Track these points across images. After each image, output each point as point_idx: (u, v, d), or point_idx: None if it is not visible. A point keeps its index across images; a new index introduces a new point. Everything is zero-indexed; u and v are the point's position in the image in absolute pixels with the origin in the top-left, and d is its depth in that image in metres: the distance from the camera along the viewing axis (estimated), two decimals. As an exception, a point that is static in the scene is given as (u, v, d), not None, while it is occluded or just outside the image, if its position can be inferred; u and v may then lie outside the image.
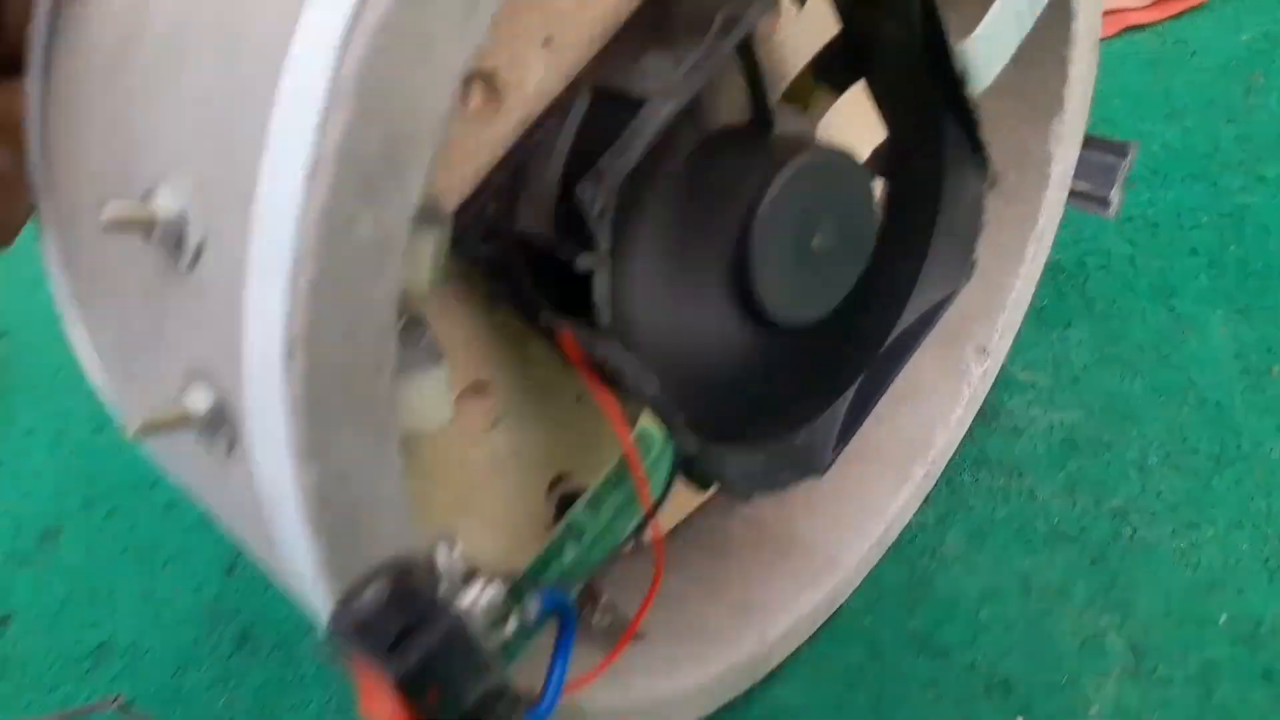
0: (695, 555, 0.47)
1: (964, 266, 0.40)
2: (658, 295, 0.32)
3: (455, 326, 0.33)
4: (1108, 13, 0.67)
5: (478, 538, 0.37)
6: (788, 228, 0.33)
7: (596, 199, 0.26)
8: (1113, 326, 0.53)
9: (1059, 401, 0.52)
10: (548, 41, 0.32)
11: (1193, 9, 0.69)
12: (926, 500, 0.50)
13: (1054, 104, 0.45)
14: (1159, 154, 0.61)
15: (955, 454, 0.50)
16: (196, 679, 0.55)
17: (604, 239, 0.27)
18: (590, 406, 0.40)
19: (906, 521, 0.49)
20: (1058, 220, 0.49)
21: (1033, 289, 0.50)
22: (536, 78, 0.32)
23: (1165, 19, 0.68)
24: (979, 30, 0.35)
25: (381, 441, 0.23)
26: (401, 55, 0.20)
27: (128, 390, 0.30)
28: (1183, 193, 0.59)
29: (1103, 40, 0.66)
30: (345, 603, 0.24)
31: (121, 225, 0.23)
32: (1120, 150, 0.47)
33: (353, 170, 0.20)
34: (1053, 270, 0.57)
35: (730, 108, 0.35)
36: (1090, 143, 0.48)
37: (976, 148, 0.38)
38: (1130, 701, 0.41)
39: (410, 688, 0.23)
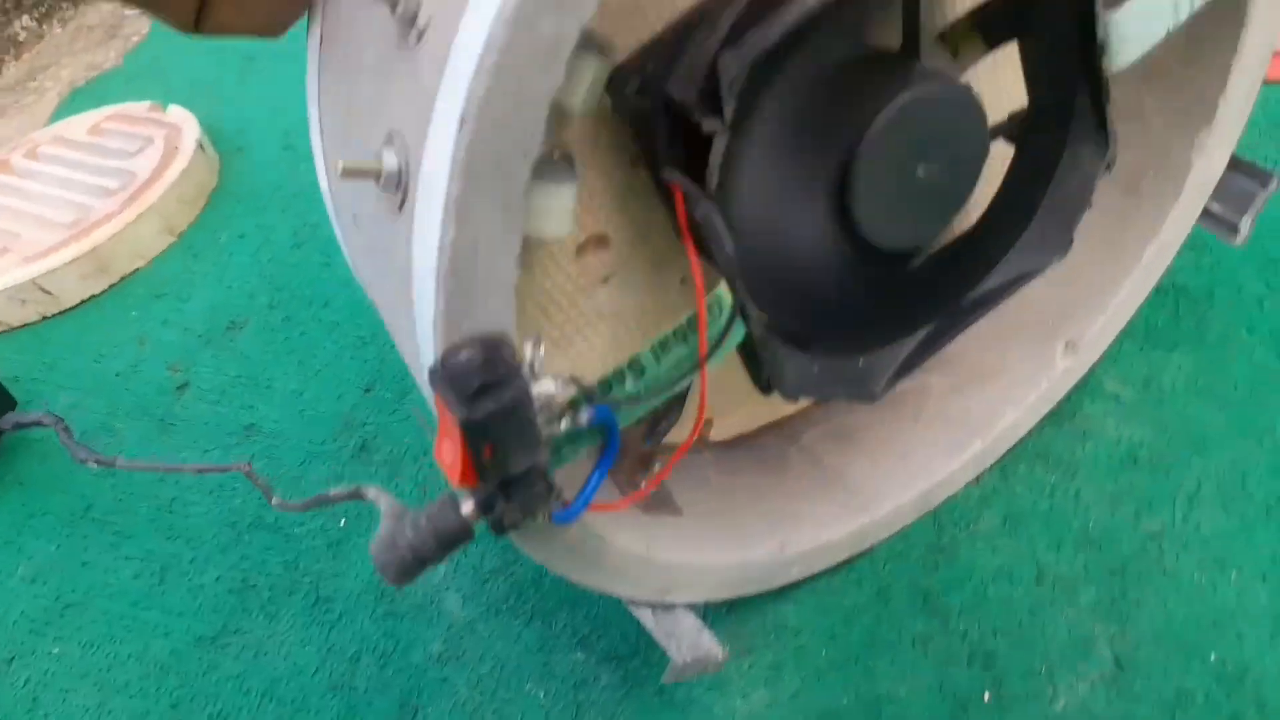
0: (750, 465, 0.52)
1: (1061, 242, 0.42)
2: (766, 182, 0.36)
3: (597, 176, 0.38)
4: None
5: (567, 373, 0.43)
6: (896, 151, 0.36)
7: (731, 67, 0.31)
8: (1217, 359, 0.53)
9: (1136, 418, 0.53)
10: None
11: None
12: (977, 478, 0.52)
13: (1206, 113, 0.45)
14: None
15: (1019, 442, 0.52)
16: (316, 470, 0.64)
17: (730, 107, 0.31)
18: (689, 295, 0.45)
19: (952, 492, 0.52)
20: (1185, 234, 0.49)
21: (1141, 299, 0.51)
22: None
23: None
24: (1129, 4, 0.36)
25: (510, 220, 0.28)
26: None
27: (343, 151, 0.37)
28: None
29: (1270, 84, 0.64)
30: (447, 355, 0.31)
31: None
32: (1263, 179, 0.47)
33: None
34: (1177, 292, 0.57)
35: (887, 35, 0.39)
36: (1235, 164, 0.48)
37: (1101, 123, 0.39)
38: (1097, 707, 0.43)
39: (472, 436, 0.29)
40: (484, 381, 0.29)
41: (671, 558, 0.43)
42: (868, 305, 0.41)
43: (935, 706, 0.44)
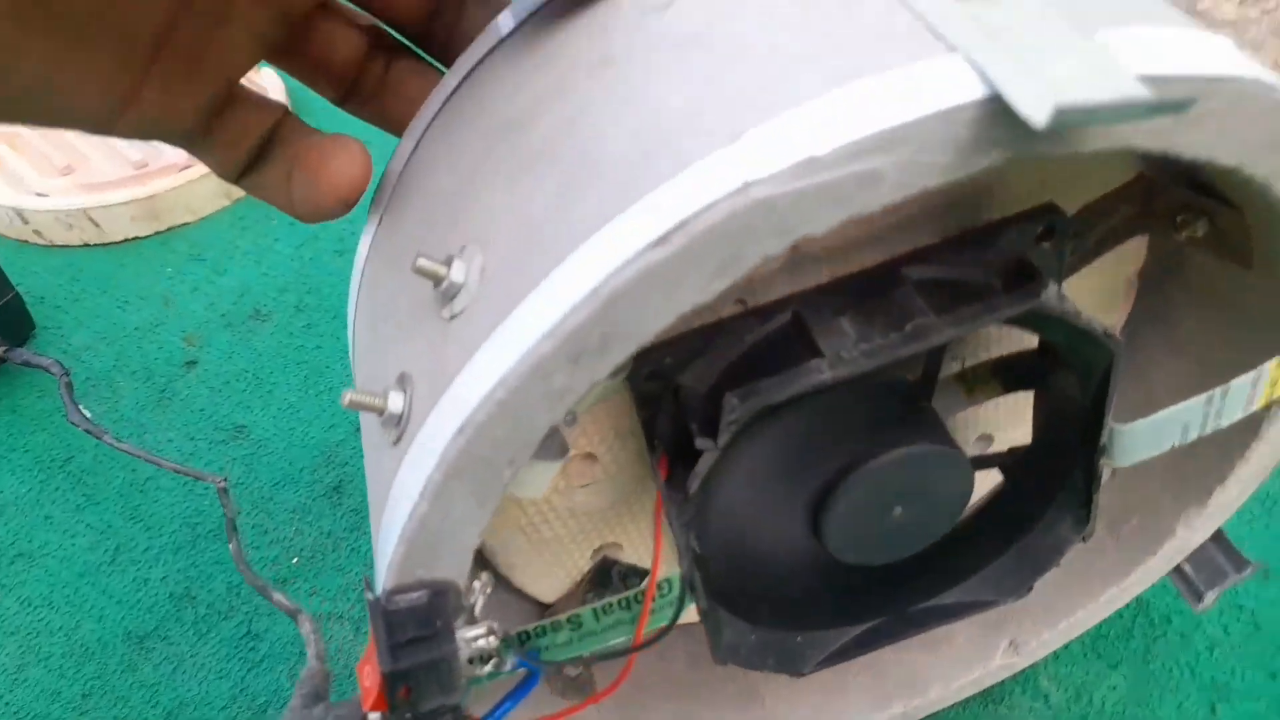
0: (681, 657, 0.53)
1: (1019, 589, 0.43)
2: (744, 494, 0.37)
3: (602, 408, 0.40)
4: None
5: (522, 556, 0.45)
6: (878, 492, 0.37)
7: (734, 412, 0.32)
8: (1151, 692, 0.54)
9: (1058, 715, 0.54)
10: (795, 247, 0.38)
11: None
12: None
13: (1201, 496, 0.46)
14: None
15: (938, 713, 0.54)
16: (286, 496, 0.66)
17: (725, 438, 0.33)
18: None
19: (864, 741, 0.53)
20: (1148, 585, 0.50)
21: (1090, 626, 0.52)
22: (769, 269, 0.38)
23: None
24: (1137, 424, 0.37)
25: (483, 505, 0.30)
26: (651, 291, 0.26)
27: (363, 359, 0.39)
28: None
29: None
30: (393, 592, 0.32)
31: (423, 272, 0.31)
32: (1240, 564, 0.48)
33: (570, 346, 0.27)
34: (1138, 607, 0.58)
35: (911, 364, 0.40)
36: (1219, 538, 0.49)
37: (1084, 504, 0.41)
38: None
39: (392, 681, 0.31)
40: (416, 635, 0.31)
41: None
42: (819, 590, 0.42)
43: None
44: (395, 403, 0.32)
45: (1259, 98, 0.29)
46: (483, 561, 0.45)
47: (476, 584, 0.34)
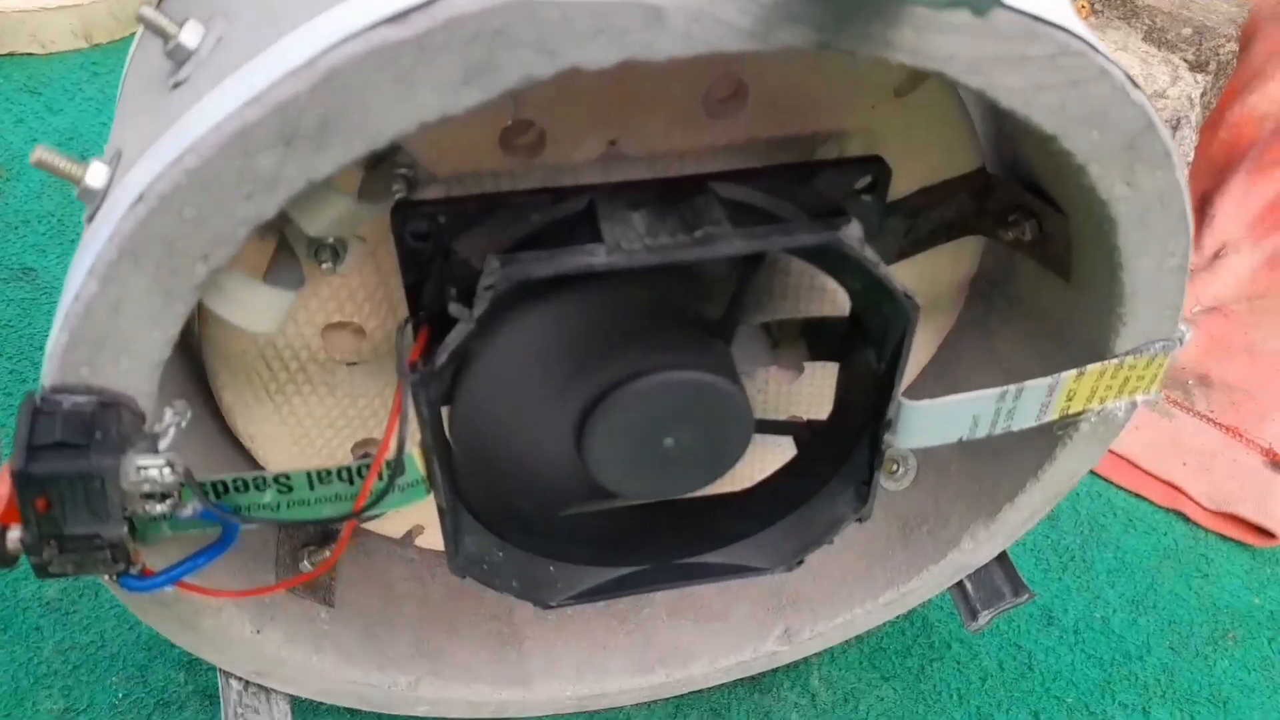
0: (440, 587, 0.49)
1: (789, 560, 0.41)
2: (501, 386, 0.34)
3: (372, 272, 0.36)
4: (1164, 481, 0.66)
5: (269, 427, 0.40)
6: (645, 415, 0.34)
7: (492, 276, 0.28)
8: (917, 712, 0.53)
9: (822, 715, 0.52)
10: (613, 142, 0.35)
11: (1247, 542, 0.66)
12: (650, 704, 0.51)
13: (991, 510, 0.45)
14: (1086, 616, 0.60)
15: (704, 690, 0.51)
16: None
17: (480, 307, 0.29)
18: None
19: (618, 705, 0.50)
20: (928, 595, 0.49)
21: (867, 628, 0.50)
22: (582, 159, 0.35)
23: (1217, 532, 0.65)
24: (925, 403, 0.36)
25: (170, 304, 0.26)
26: (382, 76, 0.23)
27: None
28: (1055, 657, 0.57)
29: (1122, 489, 0.65)
30: (54, 390, 0.28)
31: (149, 24, 0.27)
32: (1018, 589, 0.47)
33: (280, 122, 0.23)
34: (923, 625, 0.57)
35: (718, 302, 0.37)
36: (1003, 560, 0.48)
37: (865, 480, 0.39)
38: None
39: (22, 486, 0.26)
40: (63, 440, 0.27)
41: (281, 651, 0.40)
42: (579, 524, 0.39)
43: None
44: (96, 175, 0.27)
45: (1083, 57, 0.28)
46: (224, 428, 0.40)
47: (168, 411, 0.29)
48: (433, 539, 0.50)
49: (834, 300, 0.41)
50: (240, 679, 0.41)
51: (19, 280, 0.63)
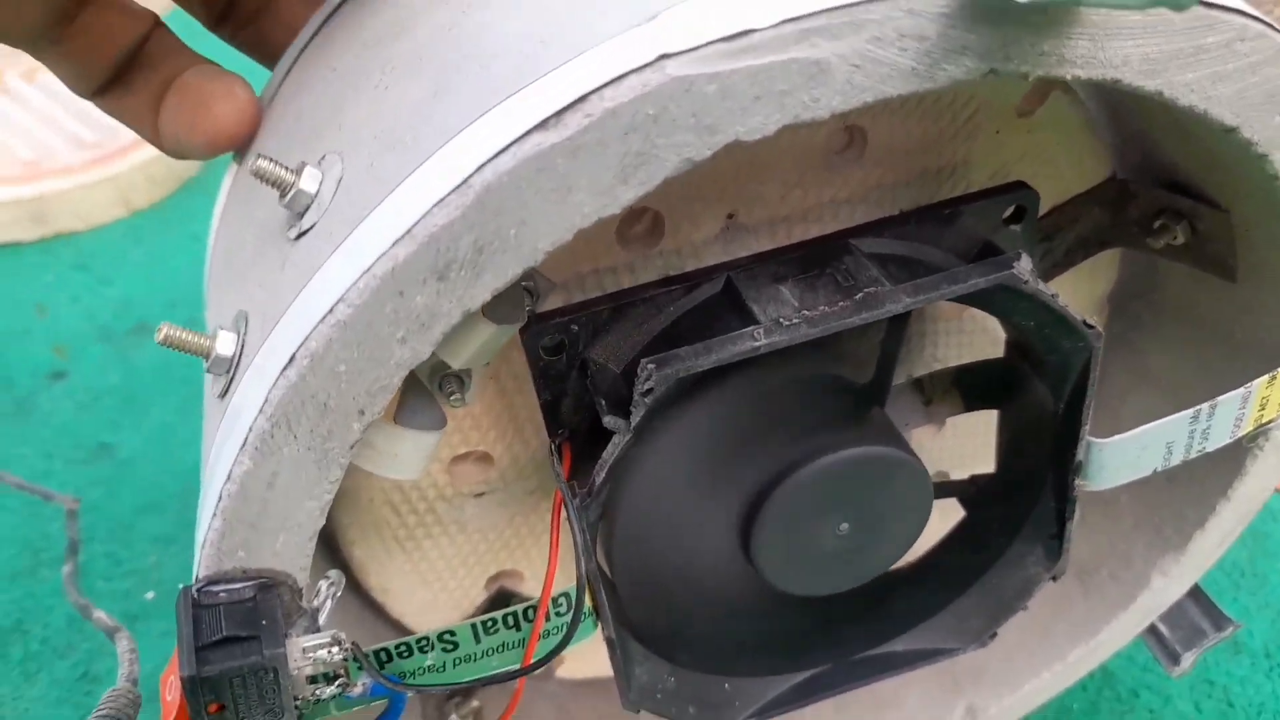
0: (589, 718, 0.46)
1: (980, 634, 0.37)
2: (660, 493, 0.31)
3: (497, 395, 0.34)
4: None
5: (401, 579, 0.37)
6: (815, 504, 0.31)
7: (649, 380, 0.26)
8: (1118, 775, 0.48)
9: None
10: (731, 215, 0.33)
11: None
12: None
13: (1180, 541, 0.41)
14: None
15: (887, 789, 0.47)
16: (150, 525, 0.57)
17: (638, 415, 0.27)
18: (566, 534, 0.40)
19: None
20: (1120, 645, 0.44)
21: (1058, 691, 0.46)
22: (702, 238, 0.33)
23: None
24: (1118, 438, 0.33)
25: (324, 471, 0.24)
26: (538, 187, 0.21)
27: (210, 305, 0.32)
28: (1253, 688, 0.52)
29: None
30: (207, 581, 0.25)
31: (264, 176, 0.25)
32: (1220, 622, 0.43)
33: (433, 254, 0.21)
34: (1104, 678, 0.52)
35: (854, 363, 0.35)
36: (1196, 594, 0.44)
37: (1055, 534, 0.35)
38: None
39: (194, 689, 0.23)
40: (230, 635, 0.24)
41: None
42: (750, 632, 0.36)
43: None
44: (225, 344, 0.25)
45: (1263, 38, 0.26)
46: (353, 583, 0.38)
47: (323, 584, 0.27)
48: (572, 668, 0.47)
49: (984, 346, 0.38)
50: None
51: (98, 459, 0.62)
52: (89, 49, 0.31)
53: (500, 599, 0.40)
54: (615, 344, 0.30)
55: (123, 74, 0.32)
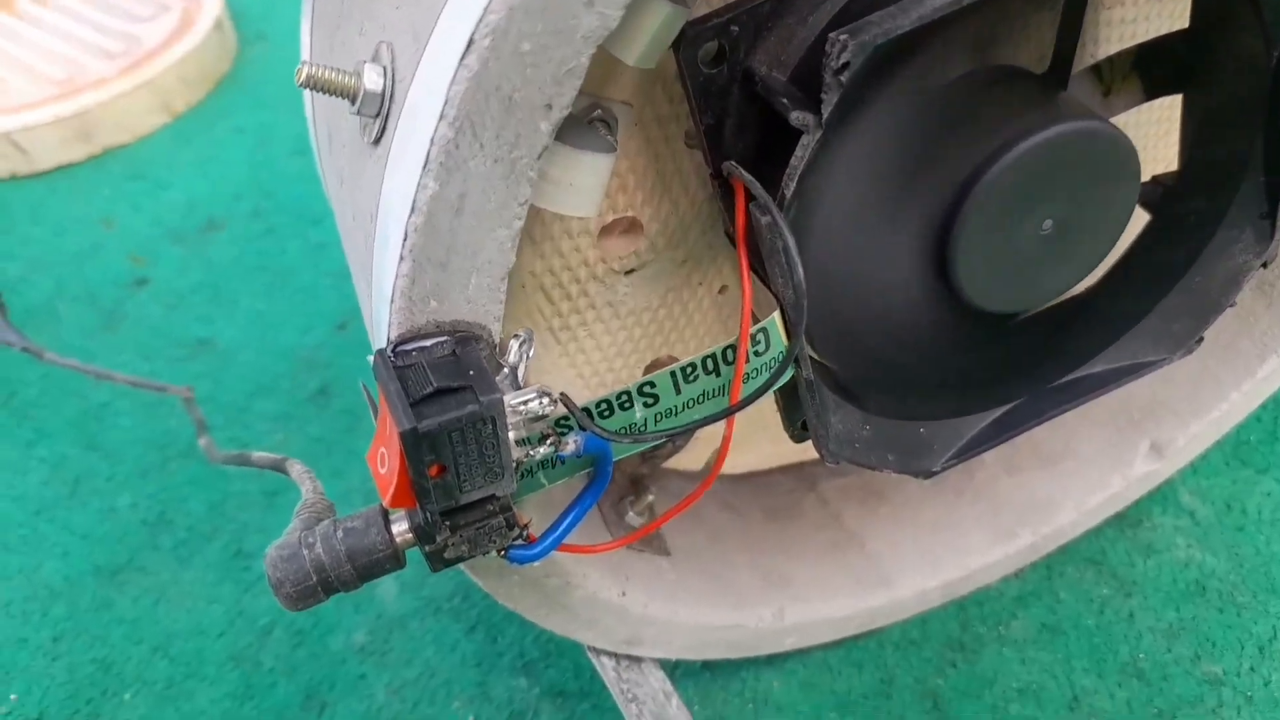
0: (756, 507, 0.44)
1: (1187, 339, 0.34)
2: (850, 204, 0.28)
3: (641, 149, 0.31)
4: None
5: (557, 374, 0.36)
6: (1020, 197, 0.28)
7: (844, 53, 0.23)
8: (1315, 494, 0.46)
9: (1211, 542, 0.45)
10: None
11: None
12: (1018, 572, 0.45)
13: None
14: None
15: (1073, 541, 0.45)
16: (265, 406, 0.57)
17: (830, 101, 0.24)
18: (724, 307, 0.37)
19: (986, 583, 0.45)
20: (1316, 354, 0.41)
21: (1248, 411, 0.43)
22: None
23: None
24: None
25: (514, 186, 0.21)
26: None
27: (326, 51, 0.29)
28: None
29: None
30: (401, 341, 0.23)
31: None
32: None
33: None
34: (1269, 402, 0.49)
35: (1027, 53, 0.31)
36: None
37: (1268, 215, 0.32)
38: None
39: (415, 449, 0.22)
40: (442, 386, 0.22)
41: (648, 608, 0.36)
42: (944, 367, 0.33)
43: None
44: (373, 79, 0.22)
45: None
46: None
47: (514, 342, 0.25)
48: (734, 462, 0.45)
49: (1164, 20, 0.34)
50: (612, 655, 0.37)
51: (200, 354, 0.60)
52: None
53: (659, 388, 0.38)
54: (778, 47, 0.27)
55: None
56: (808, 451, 0.47)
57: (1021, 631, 0.43)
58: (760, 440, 0.44)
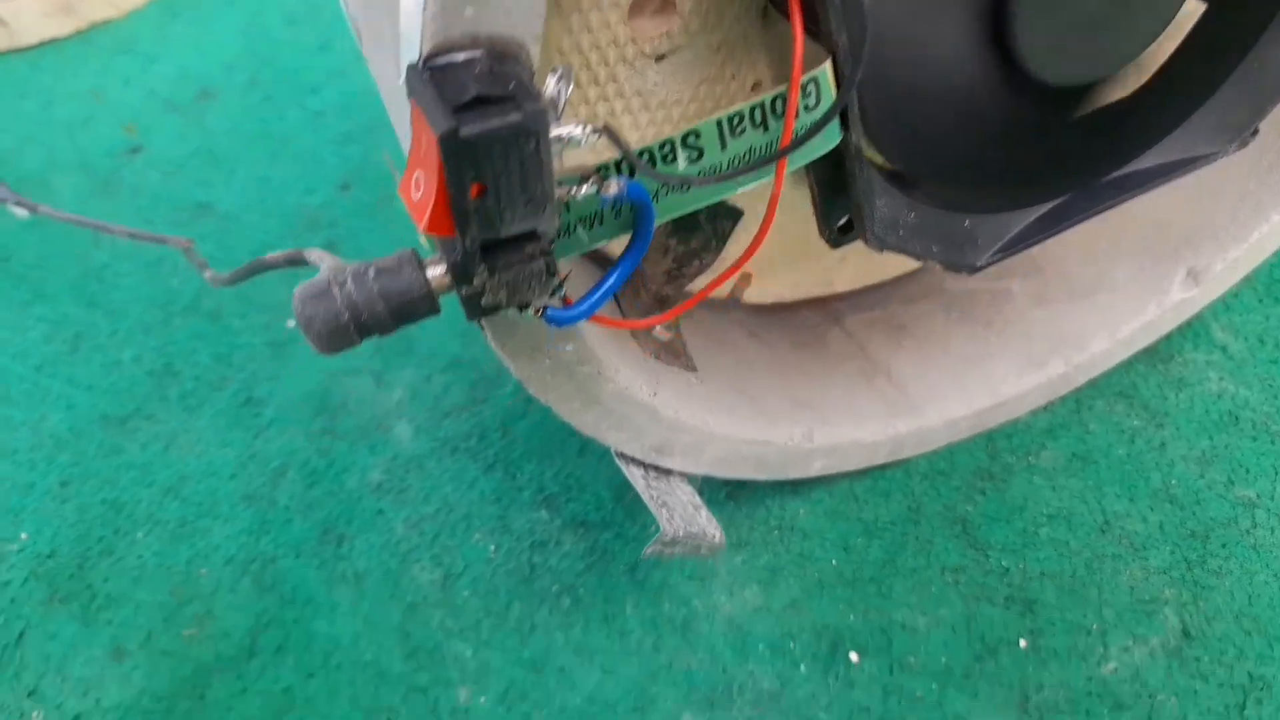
0: (783, 338, 0.43)
1: (1242, 128, 0.33)
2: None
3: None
4: None
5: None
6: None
7: None
8: (1350, 325, 0.45)
9: (1243, 375, 0.44)
10: None
11: None
12: (1048, 405, 0.44)
13: None
14: None
15: (1104, 373, 0.44)
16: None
17: None
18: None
19: (1015, 415, 0.44)
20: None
21: (1289, 233, 0.42)
22: None
23: None
24: None
25: None
26: None
27: None
28: None
29: None
30: (435, 51, 0.22)
31: None
32: None
33: None
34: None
35: None
36: None
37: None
38: (1153, 677, 0.36)
39: (455, 162, 0.20)
40: (483, 92, 0.20)
41: (679, 414, 0.35)
42: (992, 155, 0.32)
43: (958, 644, 0.37)
44: None
45: None
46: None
47: (551, 76, 0.23)
48: (760, 290, 0.44)
49: None
50: (641, 465, 0.36)
51: (200, 218, 0.59)
52: None
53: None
54: None
55: None
56: (832, 285, 0.46)
57: (1051, 461, 0.43)
58: (786, 270, 0.43)
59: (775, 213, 0.28)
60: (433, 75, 0.21)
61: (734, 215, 0.36)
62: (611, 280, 0.26)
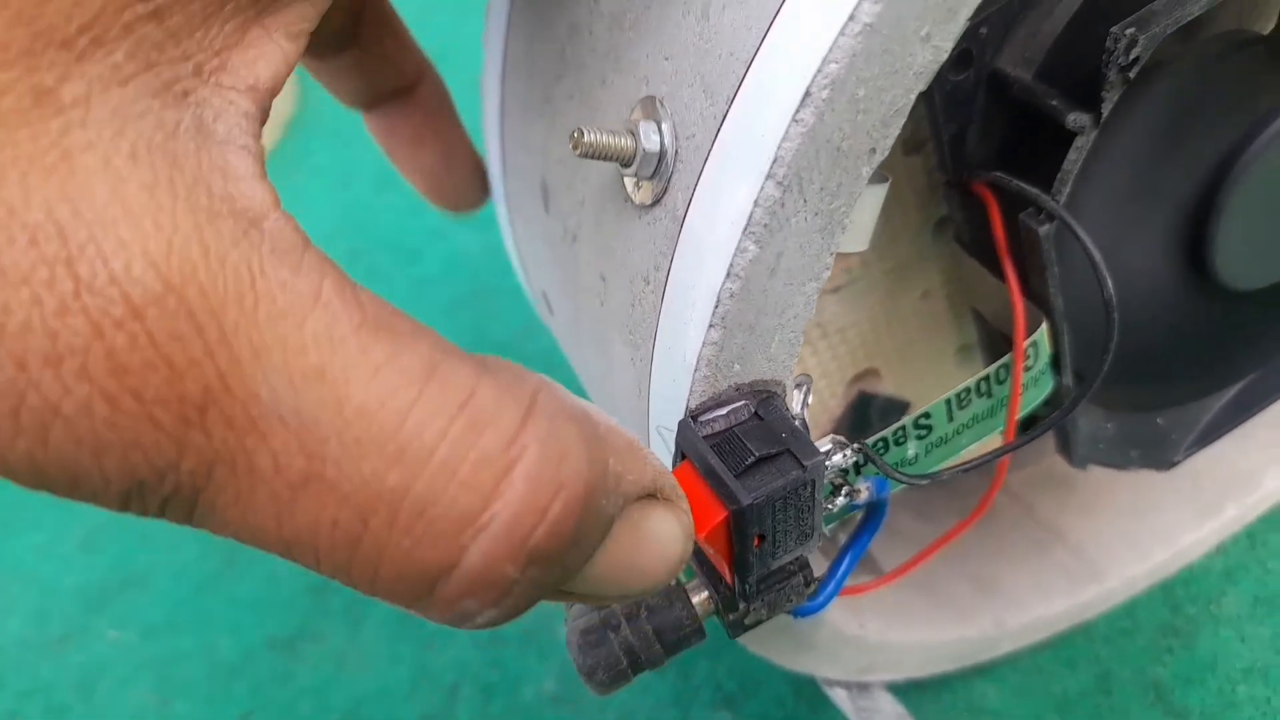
0: (947, 510, 0.43)
1: None
2: (1102, 199, 0.27)
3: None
4: None
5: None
6: (1270, 182, 0.27)
7: (1134, 48, 0.21)
8: None
9: None
10: None
11: None
12: (1222, 546, 0.44)
13: None
14: None
15: (1275, 507, 0.43)
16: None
17: (1111, 100, 0.22)
18: (926, 316, 0.36)
19: (1191, 560, 0.43)
20: None
21: None
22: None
23: None
24: None
25: (827, 240, 0.20)
26: None
27: (564, 110, 0.27)
28: None
29: None
30: (702, 411, 0.22)
31: None
32: None
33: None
34: None
35: (1238, 12, 0.29)
36: None
37: None
38: None
39: (743, 526, 0.21)
40: (762, 454, 0.21)
41: (883, 637, 0.35)
42: (1180, 348, 0.32)
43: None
44: (650, 137, 0.21)
45: None
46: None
47: (797, 391, 0.24)
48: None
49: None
50: (844, 685, 0.36)
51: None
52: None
53: (860, 404, 0.37)
54: (1022, 45, 0.25)
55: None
56: (984, 446, 0.46)
57: (1234, 608, 0.42)
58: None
59: (1005, 470, 0.28)
60: (706, 438, 0.21)
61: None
62: (846, 564, 0.26)
